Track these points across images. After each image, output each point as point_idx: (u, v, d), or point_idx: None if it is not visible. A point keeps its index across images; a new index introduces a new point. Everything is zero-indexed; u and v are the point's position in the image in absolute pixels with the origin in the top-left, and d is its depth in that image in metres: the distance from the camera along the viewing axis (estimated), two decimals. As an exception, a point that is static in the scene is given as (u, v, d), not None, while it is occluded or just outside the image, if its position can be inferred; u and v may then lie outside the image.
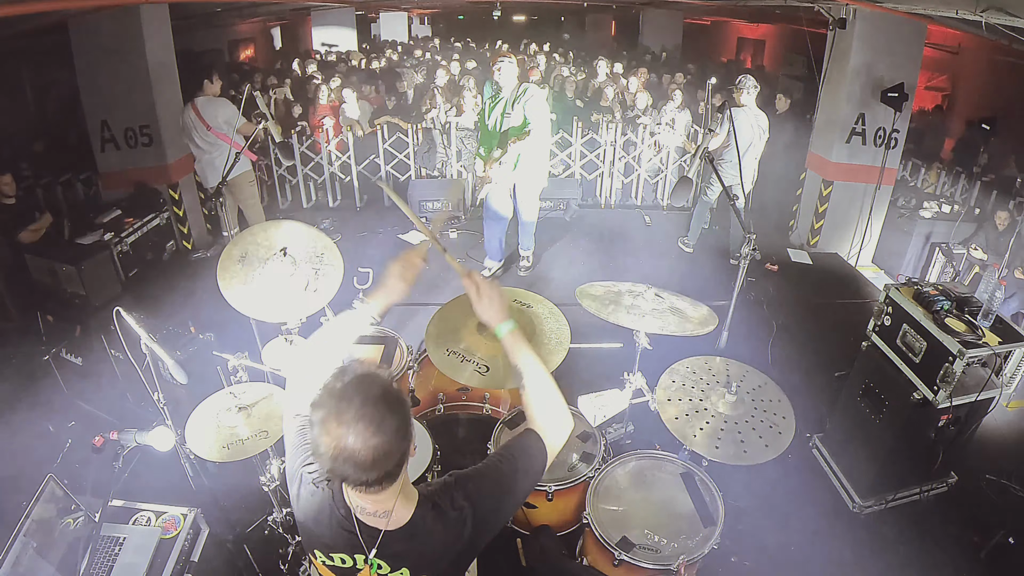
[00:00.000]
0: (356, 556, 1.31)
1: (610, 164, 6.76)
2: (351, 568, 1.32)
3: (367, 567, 1.30)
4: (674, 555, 2.00)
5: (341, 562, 1.32)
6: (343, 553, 1.31)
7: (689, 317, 2.57)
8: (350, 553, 1.31)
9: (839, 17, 5.27)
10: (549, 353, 2.50)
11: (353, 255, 5.45)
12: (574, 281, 3.75)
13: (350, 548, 1.30)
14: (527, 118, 4.38)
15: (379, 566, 1.30)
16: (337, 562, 1.33)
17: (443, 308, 2.80)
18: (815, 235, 6.05)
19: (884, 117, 5.39)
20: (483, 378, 2.40)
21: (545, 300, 2.75)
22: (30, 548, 1.92)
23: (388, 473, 1.18)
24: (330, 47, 12.02)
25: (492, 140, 4.60)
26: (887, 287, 2.91)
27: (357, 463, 1.13)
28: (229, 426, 2.31)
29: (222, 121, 4.80)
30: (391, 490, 1.24)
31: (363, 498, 1.25)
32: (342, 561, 1.32)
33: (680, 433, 2.24)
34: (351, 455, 1.12)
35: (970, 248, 4.96)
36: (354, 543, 1.28)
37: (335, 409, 1.14)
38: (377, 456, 1.13)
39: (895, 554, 2.82)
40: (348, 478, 1.17)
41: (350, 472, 1.14)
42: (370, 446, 1.12)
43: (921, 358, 2.69)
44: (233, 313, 2.67)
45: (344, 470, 1.14)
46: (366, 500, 1.26)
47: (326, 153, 6.58)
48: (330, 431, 1.13)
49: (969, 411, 2.72)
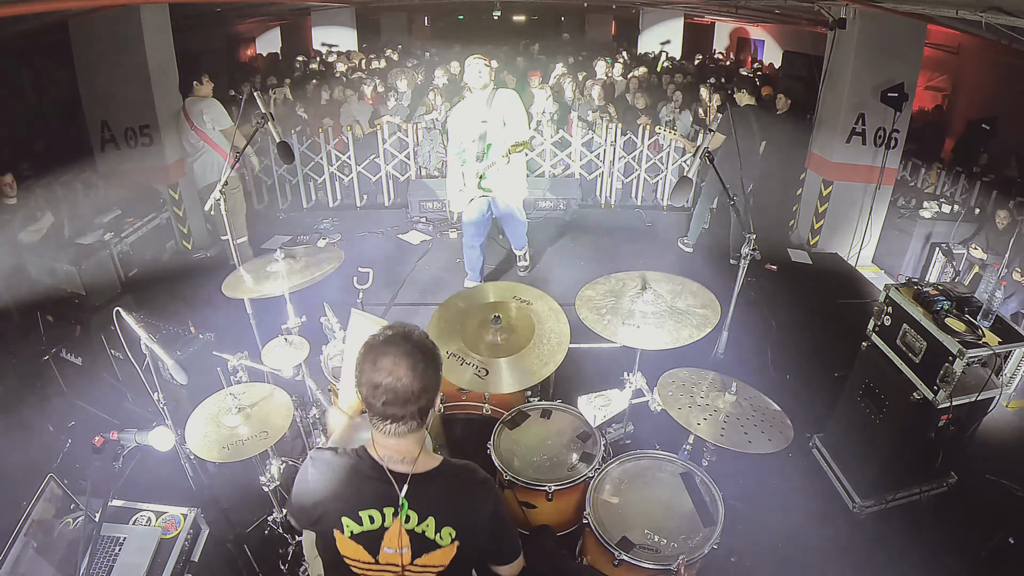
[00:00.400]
0: (385, 510, 1.39)
1: (610, 164, 6.76)
2: (379, 528, 1.39)
3: (396, 520, 1.38)
4: (674, 555, 2.00)
5: (370, 521, 1.38)
6: (372, 509, 1.38)
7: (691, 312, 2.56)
8: (379, 507, 1.39)
9: (839, 17, 5.27)
10: (549, 352, 2.50)
11: (353, 255, 5.48)
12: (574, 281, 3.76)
13: (380, 501, 1.39)
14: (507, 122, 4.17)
15: (407, 518, 1.39)
16: (366, 523, 1.38)
17: (442, 308, 2.80)
18: (815, 235, 6.05)
19: (884, 117, 5.39)
20: (482, 381, 2.40)
21: (545, 296, 2.75)
22: (30, 548, 1.92)
23: (421, 409, 1.35)
24: (330, 47, 12.01)
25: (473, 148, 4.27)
26: (887, 287, 2.91)
27: (399, 392, 1.31)
28: (229, 426, 2.31)
29: (207, 122, 4.78)
30: (415, 436, 1.39)
31: (390, 448, 1.39)
32: (371, 520, 1.38)
33: (685, 421, 2.24)
34: (394, 384, 1.30)
35: (970, 248, 4.96)
36: (384, 493, 1.38)
37: (382, 349, 1.33)
38: (415, 388, 1.31)
39: (895, 554, 2.82)
40: (389, 407, 1.32)
41: (391, 401, 1.31)
42: (412, 376, 1.31)
43: (921, 358, 2.68)
44: (233, 313, 2.67)
45: (386, 398, 1.31)
46: (392, 450, 1.39)
47: (326, 153, 6.58)
48: (377, 363, 1.31)
49: (969, 411, 2.72)
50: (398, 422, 1.34)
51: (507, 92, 4.23)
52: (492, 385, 2.40)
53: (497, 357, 2.47)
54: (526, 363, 2.46)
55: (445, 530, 1.40)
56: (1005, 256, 4.38)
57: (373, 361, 1.32)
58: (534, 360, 2.47)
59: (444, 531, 1.40)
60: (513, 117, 4.17)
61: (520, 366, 2.45)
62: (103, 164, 5.39)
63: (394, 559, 1.39)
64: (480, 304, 2.75)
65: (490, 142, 4.19)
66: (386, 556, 1.39)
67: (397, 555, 1.39)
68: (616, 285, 2.74)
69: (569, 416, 2.59)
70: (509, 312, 2.67)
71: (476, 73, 4.12)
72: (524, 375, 2.42)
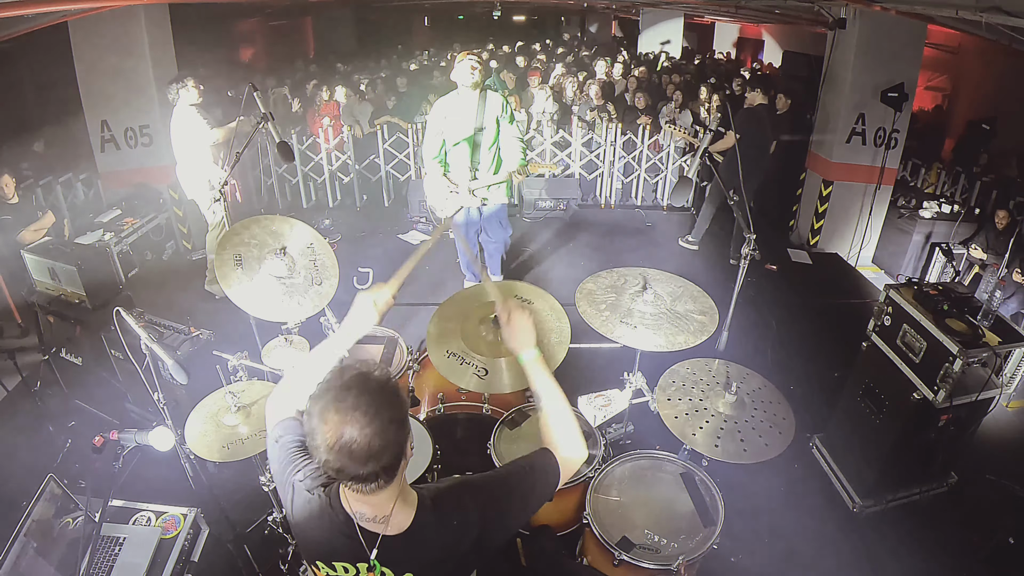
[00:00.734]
0: (359, 565, 1.29)
1: (610, 164, 6.76)
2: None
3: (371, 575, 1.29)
4: (674, 555, 2.00)
5: (344, 571, 1.31)
6: (345, 562, 1.30)
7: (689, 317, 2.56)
8: (352, 561, 1.29)
9: (839, 17, 5.27)
10: (550, 351, 2.50)
11: (353, 255, 5.49)
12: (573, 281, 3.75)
13: (351, 556, 1.29)
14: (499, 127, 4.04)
15: (383, 573, 1.29)
16: (340, 572, 1.31)
17: (442, 307, 2.80)
18: (815, 235, 6.05)
19: (884, 117, 5.39)
20: (482, 381, 2.39)
21: (547, 295, 2.75)
22: (30, 548, 1.92)
23: (385, 468, 1.17)
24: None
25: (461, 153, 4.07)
26: (887, 287, 2.91)
27: (354, 453, 1.12)
28: (229, 425, 2.31)
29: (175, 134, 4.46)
30: (388, 492, 1.24)
31: (361, 502, 1.25)
32: (344, 570, 1.31)
33: (680, 431, 2.24)
34: (348, 444, 1.12)
35: (970, 248, 4.96)
36: (355, 549, 1.27)
37: (333, 400, 1.14)
38: (374, 447, 1.13)
39: (895, 554, 2.82)
40: (345, 471, 1.15)
41: (347, 464, 1.14)
42: (367, 434, 1.12)
43: (921, 358, 2.68)
44: (233, 313, 2.67)
45: (341, 462, 1.14)
46: (364, 504, 1.25)
47: (326, 153, 6.58)
48: (328, 420, 1.13)
49: (969, 411, 2.72)
50: (361, 482, 1.18)
51: (497, 96, 4.08)
52: (492, 385, 2.39)
53: (497, 357, 2.47)
54: (526, 363, 2.46)
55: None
56: (1005, 256, 4.37)
57: (322, 417, 1.14)
58: (534, 360, 2.47)
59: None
60: (507, 117, 4.08)
61: (520, 365, 2.44)
62: (103, 164, 5.39)
63: None
64: (480, 304, 2.75)
65: (481, 147, 4.06)
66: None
67: None
68: (617, 280, 2.74)
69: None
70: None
71: (467, 71, 3.91)
72: (524, 375, 2.42)
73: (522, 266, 5.44)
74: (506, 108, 4.08)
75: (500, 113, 4.04)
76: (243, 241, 2.65)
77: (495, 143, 4.09)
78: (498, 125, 4.06)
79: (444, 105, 4.03)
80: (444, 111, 4.01)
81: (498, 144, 4.12)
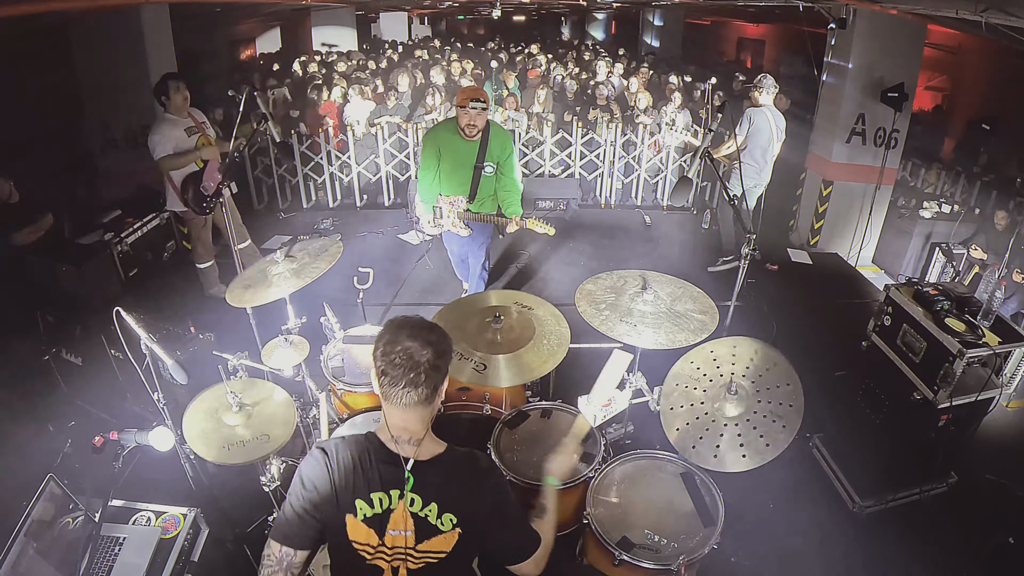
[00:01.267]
0: (392, 492, 1.44)
1: (610, 164, 6.76)
2: (386, 510, 1.43)
3: (401, 503, 1.43)
4: (674, 555, 2.00)
5: (379, 503, 1.43)
6: (381, 492, 1.43)
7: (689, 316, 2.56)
8: (387, 490, 1.44)
9: (839, 17, 5.27)
10: (549, 353, 2.51)
11: (353, 255, 5.48)
12: (573, 281, 3.75)
13: (388, 484, 1.44)
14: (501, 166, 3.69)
15: (411, 500, 1.44)
16: (376, 506, 1.43)
17: (443, 308, 2.81)
18: (815, 235, 6.06)
19: (884, 117, 5.39)
20: (481, 376, 2.40)
21: (546, 303, 2.76)
22: (30, 548, 1.92)
23: (431, 381, 1.40)
24: (330, 47, 12.02)
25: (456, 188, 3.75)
26: (887, 287, 2.91)
27: (413, 357, 1.37)
28: (229, 426, 2.31)
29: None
30: (423, 412, 1.44)
31: (397, 421, 1.44)
32: (380, 503, 1.43)
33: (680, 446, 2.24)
34: (410, 348, 1.38)
35: (970, 248, 4.96)
36: (392, 474, 1.44)
37: (403, 324, 1.42)
38: (429, 358, 1.38)
39: (895, 554, 2.82)
40: (398, 374, 1.38)
41: (403, 363, 1.37)
42: (429, 346, 1.39)
43: (921, 358, 2.68)
44: (233, 313, 2.67)
45: (398, 360, 1.37)
46: (399, 423, 1.45)
47: (326, 153, 6.58)
48: (397, 336, 1.39)
49: (969, 411, 2.72)
50: (410, 387, 1.39)
51: (500, 131, 3.73)
52: (490, 379, 2.40)
53: (496, 354, 2.48)
54: (525, 360, 2.46)
55: (446, 516, 1.45)
56: (1005, 256, 4.38)
57: (393, 334, 1.40)
58: (533, 358, 2.47)
59: (445, 517, 1.45)
60: (507, 160, 3.72)
61: (519, 363, 2.45)
62: (103, 164, 5.39)
63: (399, 541, 1.43)
64: (481, 307, 2.76)
65: (477, 186, 3.72)
66: (391, 538, 1.43)
67: (401, 537, 1.43)
68: (617, 282, 2.74)
69: (569, 416, 2.59)
70: (510, 315, 2.67)
71: (471, 121, 3.50)
72: (523, 371, 2.43)
73: (522, 266, 5.44)
74: (507, 147, 3.72)
75: (501, 153, 3.68)
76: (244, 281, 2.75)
77: (494, 179, 3.75)
78: (497, 164, 3.70)
79: (440, 137, 3.67)
80: (438, 142, 3.66)
81: (495, 187, 3.77)
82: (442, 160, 3.69)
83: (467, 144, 3.64)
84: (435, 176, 3.75)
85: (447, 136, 3.65)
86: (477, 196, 3.76)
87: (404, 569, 1.45)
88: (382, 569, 1.45)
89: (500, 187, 3.76)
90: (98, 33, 4.88)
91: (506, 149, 3.71)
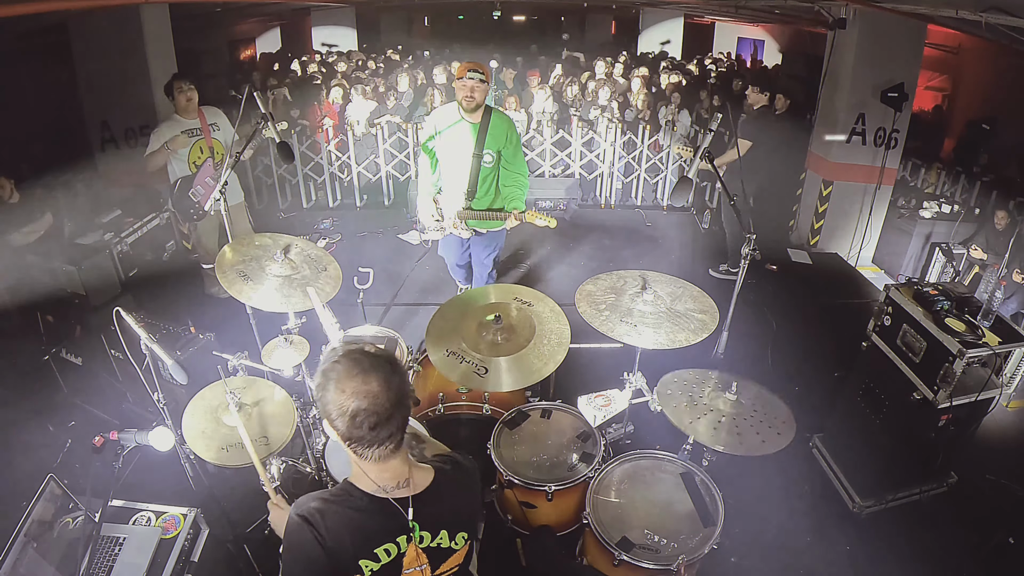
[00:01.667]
0: (399, 540, 1.34)
1: (610, 164, 6.76)
2: (397, 557, 1.34)
3: (411, 545, 1.35)
4: (674, 555, 2.00)
5: (387, 555, 1.33)
6: (385, 543, 1.33)
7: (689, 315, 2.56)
8: (393, 539, 1.34)
9: (839, 17, 5.27)
10: (550, 352, 2.50)
11: (353, 255, 5.48)
12: (573, 281, 3.75)
13: (392, 534, 1.34)
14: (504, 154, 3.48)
15: (421, 538, 1.36)
16: (383, 558, 1.33)
17: (443, 308, 2.81)
18: (815, 235, 6.05)
19: (884, 117, 5.39)
20: (482, 379, 2.40)
21: (546, 298, 2.76)
22: (30, 548, 1.92)
23: (402, 421, 1.28)
24: (330, 47, 12.02)
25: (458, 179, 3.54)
26: (887, 287, 2.91)
27: (379, 413, 1.22)
28: (229, 426, 2.31)
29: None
30: (401, 456, 1.34)
31: (381, 471, 1.32)
32: (387, 553, 1.33)
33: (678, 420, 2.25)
34: (372, 405, 1.22)
35: (970, 248, 4.96)
36: (393, 524, 1.33)
37: (346, 369, 1.24)
38: (392, 402, 1.24)
39: (895, 554, 2.82)
40: (372, 435, 1.24)
41: (374, 424, 1.23)
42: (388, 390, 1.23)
43: (921, 358, 2.68)
44: (233, 313, 2.67)
45: (367, 424, 1.22)
46: (384, 473, 1.32)
47: (326, 153, 6.58)
48: (346, 390, 1.22)
49: (969, 411, 2.72)
50: (384, 443, 1.27)
51: (503, 118, 3.50)
52: (491, 383, 2.40)
53: (497, 356, 2.47)
54: (526, 362, 2.46)
55: (459, 535, 1.41)
56: (1005, 256, 4.37)
57: (340, 389, 1.23)
58: (534, 359, 2.47)
59: (458, 536, 1.41)
60: (511, 148, 3.50)
61: (520, 365, 2.45)
62: (103, 164, 5.39)
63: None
64: (480, 305, 2.76)
65: (478, 175, 3.50)
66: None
67: (418, 572, 1.38)
68: (617, 282, 2.75)
69: (569, 416, 2.60)
70: (509, 313, 2.67)
71: (469, 93, 3.29)
72: (524, 373, 2.42)
73: (522, 266, 5.44)
74: (511, 136, 3.49)
75: (504, 142, 3.47)
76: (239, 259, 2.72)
77: (494, 173, 3.54)
78: (499, 155, 3.50)
79: (438, 118, 3.50)
80: (436, 124, 3.49)
81: (497, 174, 3.56)
82: (439, 147, 3.51)
83: (466, 126, 3.41)
84: (434, 164, 3.59)
85: (444, 116, 3.47)
86: (478, 191, 3.55)
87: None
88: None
89: (503, 179, 3.55)
90: (98, 33, 4.87)
91: (510, 138, 3.48)
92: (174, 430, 2.11)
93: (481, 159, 3.46)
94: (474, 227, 3.68)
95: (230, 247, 2.77)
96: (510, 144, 3.49)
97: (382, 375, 1.24)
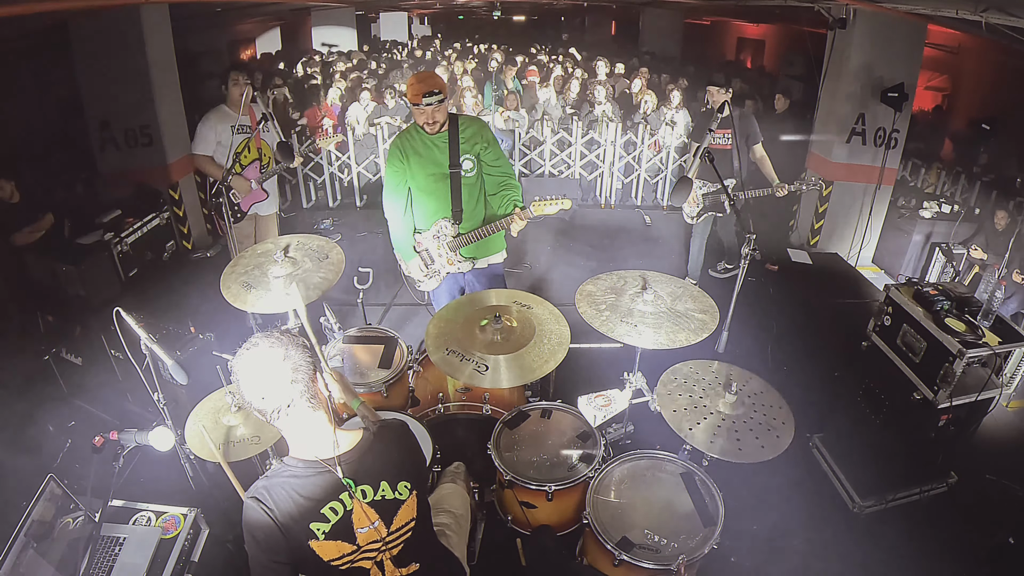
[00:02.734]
0: (341, 497, 1.43)
1: (610, 164, 6.76)
2: (345, 515, 1.43)
3: (354, 500, 1.43)
4: (674, 555, 2.00)
5: (333, 514, 1.42)
6: (331, 502, 1.42)
7: (690, 315, 2.56)
8: (335, 496, 1.43)
9: (839, 17, 5.27)
10: (550, 352, 2.51)
11: (353, 255, 5.47)
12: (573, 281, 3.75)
13: (333, 492, 1.43)
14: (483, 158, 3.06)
15: (363, 493, 1.44)
16: (331, 517, 1.42)
17: (443, 308, 2.81)
18: (815, 235, 6.05)
19: (884, 117, 5.39)
20: (483, 377, 2.40)
21: (545, 302, 2.76)
22: (30, 548, 1.92)
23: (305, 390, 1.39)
24: (330, 47, 12.02)
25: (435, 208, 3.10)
26: (887, 287, 2.91)
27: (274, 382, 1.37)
28: (228, 426, 2.31)
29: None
30: (317, 416, 1.43)
31: (302, 437, 1.43)
32: (333, 512, 1.42)
33: (677, 426, 2.25)
34: (267, 379, 1.37)
35: (970, 248, 4.96)
36: (331, 483, 1.42)
37: (247, 364, 1.39)
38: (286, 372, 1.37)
39: (895, 554, 2.82)
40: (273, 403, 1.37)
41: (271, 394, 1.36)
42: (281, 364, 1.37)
43: (921, 358, 2.68)
44: (233, 313, 2.67)
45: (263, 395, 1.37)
46: (305, 438, 1.43)
47: (326, 153, 6.58)
48: (248, 376, 1.38)
49: (969, 411, 2.72)
50: (288, 406, 1.38)
51: (470, 119, 3.11)
52: (491, 380, 2.40)
53: (497, 354, 2.48)
54: (526, 360, 2.46)
55: (400, 484, 1.49)
56: (1005, 256, 4.37)
57: (246, 378, 1.39)
58: (534, 358, 2.47)
59: (400, 486, 1.48)
60: (488, 147, 3.07)
61: (520, 363, 2.45)
62: (103, 164, 5.39)
63: (372, 535, 1.45)
64: (481, 307, 2.76)
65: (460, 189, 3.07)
66: (364, 536, 1.44)
67: (373, 531, 1.45)
68: (617, 282, 2.75)
69: (569, 416, 2.60)
70: (510, 314, 2.67)
71: (430, 119, 2.91)
72: (524, 371, 2.43)
73: (522, 266, 5.44)
74: (484, 133, 3.07)
75: (480, 142, 3.04)
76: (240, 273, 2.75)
77: (478, 183, 3.12)
78: (479, 160, 3.07)
79: (402, 144, 3.05)
80: (405, 149, 3.05)
81: (481, 183, 3.14)
82: (412, 175, 3.06)
83: (433, 143, 3.01)
84: (406, 206, 3.12)
85: (410, 140, 3.05)
86: (464, 211, 3.09)
87: (387, 559, 1.47)
88: (367, 570, 1.45)
89: (489, 186, 3.11)
90: (98, 33, 4.87)
91: (484, 136, 3.05)
92: (174, 430, 2.11)
93: (460, 170, 3.03)
94: (471, 256, 3.21)
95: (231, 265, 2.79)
96: (485, 142, 3.05)
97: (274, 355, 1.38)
